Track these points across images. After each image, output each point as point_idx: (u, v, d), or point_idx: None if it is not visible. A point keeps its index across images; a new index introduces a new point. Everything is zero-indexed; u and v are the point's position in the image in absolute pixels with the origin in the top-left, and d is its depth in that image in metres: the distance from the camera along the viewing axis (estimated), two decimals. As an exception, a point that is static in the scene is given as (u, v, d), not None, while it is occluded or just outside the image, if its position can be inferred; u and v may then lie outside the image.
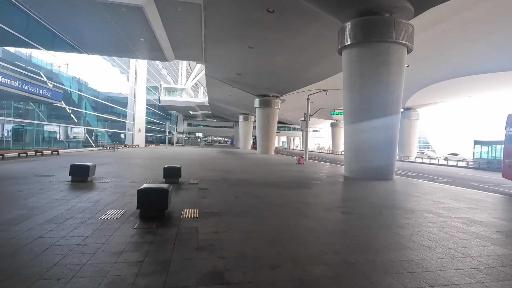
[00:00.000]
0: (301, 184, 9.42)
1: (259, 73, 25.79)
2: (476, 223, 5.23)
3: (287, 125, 79.27)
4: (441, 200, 7.44)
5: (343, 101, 12.68)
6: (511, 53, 18.40)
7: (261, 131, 33.40)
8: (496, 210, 6.56)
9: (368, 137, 11.57)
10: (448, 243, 4.02)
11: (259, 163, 18.56)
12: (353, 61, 11.98)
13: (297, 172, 13.30)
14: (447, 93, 31.80)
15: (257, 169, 13.98)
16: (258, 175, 11.41)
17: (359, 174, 11.83)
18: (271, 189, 8.08)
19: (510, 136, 11.20)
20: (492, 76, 23.49)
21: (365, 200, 6.96)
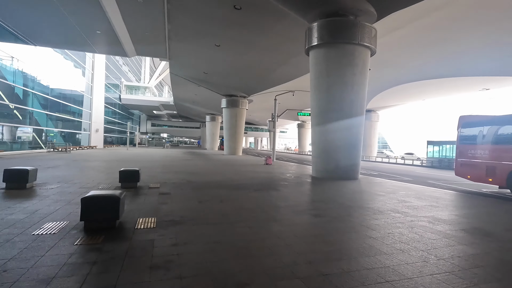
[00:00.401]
0: (269, 185, 9.14)
1: (226, 73, 25.28)
2: (441, 221, 5.31)
3: (254, 125, 79.44)
4: (405, 198, 7.60)
5: (310, 101, 12.70)
6: (461, 60, 19.97)
7: (229, 131, 32.84)
8: (455, 207, 6.82)
9: (335, 137, 11.67)
10: (420, 244, 3.94)
11: (226, 164, 18.07)
12: (320, 62, 12.03)
13: (265, 173, 13.05)
14: (403, 96, 33.89)
15: (224, 171, 13.50)
16: (225, 177, 10.95)
17: (326, 174, 11.89)
18: (238, 192, 7.67)
19: (461, 137, 11.98)
20: (443, 81, 25.37)
21: (334, 201, 6.84)
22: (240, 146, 33.72)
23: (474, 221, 5.41)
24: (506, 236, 4.51)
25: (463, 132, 11.97)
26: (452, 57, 19.61)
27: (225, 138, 33.87)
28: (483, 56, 19.02)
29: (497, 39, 16.22)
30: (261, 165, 18.32)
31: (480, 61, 19.92)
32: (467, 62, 20.38)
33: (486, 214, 6.11)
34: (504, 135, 10.26)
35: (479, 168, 10.90)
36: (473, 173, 11.20)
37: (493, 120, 11.18)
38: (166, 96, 57.36)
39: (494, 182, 10.38)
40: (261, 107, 45.98)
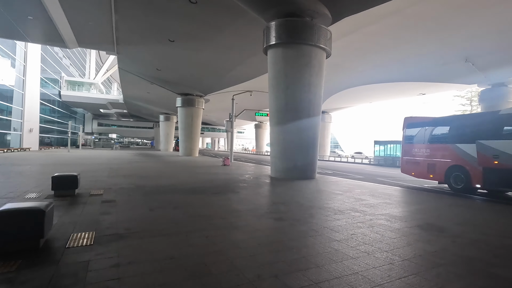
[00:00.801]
0: (228, 188, 8.71)
1: (182, 70, 24.15)
2: (397, 218, 5.44)
3: (211, 126, 78.05)
4: (361, 197, 7.79)
5: (269, 101, 12.57)
6: (402, 67, 21.76)
7: (184, 131, 31.52)
8: (406, 204, 7.16)
9: (293, 137, 11.69)
10: (383, 245, 3.89)
11: (182, 166, 17.14)
12: (278, 61, 11.95)
13: (223, 175, 12.58)
14: (353, 99, 36.06)
15: (179, 173, 12.69)
16: (180, 180, 10.21)
17: (285, 174, 11.85)
18: (195, 197, 7.10)
19: (406, 137, 12.90)
20: (388, 85, 27.46)
21: (294, 202, 6.69)
22: (197, 147, 32.62)
23: (425, 217, 5.65)
24: (455, 230, 4.74)
25: (407, 132, 12.89)
26: (395, 63, 21.24)
27: (180, 138, 32.46)
28: (421, 63, 20.97)
29: (431, 49, 17.96)
30: (219, 166, 17.77)
31: (418, 68, 21.92)
32: (407, 68, 22.27)
33: (434, 209, 6.48)
34: (442, 135, 11.26)
35: (422, 166, 11.81)
36: (417, 170, 12.12)
37: (432, 121, 12.21)
38: (115, 94, 53.16)
39: (434, 178, 11.32)
40: (219, 107, 45.21)
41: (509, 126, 8.92)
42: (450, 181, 10.62)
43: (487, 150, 9.17)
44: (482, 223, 5.36)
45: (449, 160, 10.63)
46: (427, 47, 17.84)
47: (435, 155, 11.26)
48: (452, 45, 17.38)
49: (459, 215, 6.00)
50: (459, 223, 5.22)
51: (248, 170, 15.88)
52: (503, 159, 8.66)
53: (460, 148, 10.24)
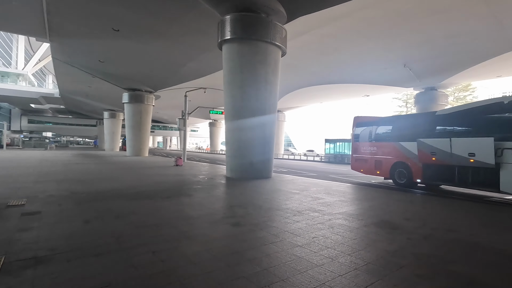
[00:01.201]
0: (180, 191, 8.04)
1: (129, 63, 22.26)
2: (354, 217, 5.46)
3: (163, 124, 74.41)
4: (317, 195, 7.82)
5: (224, 98, 12.09)
6: (351, 69, 23.01)
7: (132, 130, 29.26)
8: (360, 201, 7.34)
9: (249, 135, 11.41)
10: (345, 248, 3.75)
11: (129, 167, 15.72)
12: (234, 57, 11.54)
13: (175, 176, 11.75)
14: (305, 99, 37.32)
15: (125, 176, 11.51)
16: (126, 184, 9.19)
17: (241, 174, 11.52)
18: (141, 203, 6.34)
19: (355, 135, 13.53)
20: (336, 86, 28.88)
21: (251, 204, 6.37)
22: (146, 146, 30.57)
23: (379, 214, 5.79)
24: (407, 226, 4.88)
25: (356, 131, 13.53)
26: (344, 66, 22.38)
27: (127, 137, 30.07)
28: (366, 67, 22.43)
29: (376, 53, 19.29)
30: (171, 166, 16.72)
31: (364, 71, 23.42)
32: (355, 71, 23.65)
33: (385, 205, 6.73)
34: (387, 134, 12.01)
35: (369, 163, 12.49)
36: (365, 167, 12.78)
37: (379, 121, 12.98)
38: (49, 87, 47.25)
39: (381, 174, 12.05)
40: (170, 104, 43.09)
41: (442, 125, 9.80)
42: (394, 176, 11.38)
43: (426, 147, 9.97)
44: (428, 217, 5.66)
45: (394, 157, 11.37)
46: (372, 51, 19.10)
47: (381, 153, 11.97)
48: (393, 51, 18.84)
49: (407, 210, 6.29)
50: (409, 219, 5.43)
51: (202, 170, 15.20)
52: (439, 155, 9.49)
53: (403, 146, 11.00)
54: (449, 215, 5.96)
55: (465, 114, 9.17)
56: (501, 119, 8.29)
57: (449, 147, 9.15)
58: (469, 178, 8.81)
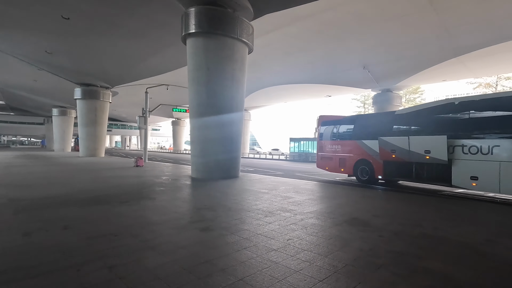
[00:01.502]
0: (141, 194, 7.40)
1: (81, 56, 20.37)
2: (325, 215, 5.41)
3: (121, 122, 70.13)
4: (286, 194, 7.72)
5: (189, 95, 11.52)
6: (315, 69, 23.56)
7: (86, 128, 26.97)
8: (328, 198, 7.37)
9: (216, 134, 11.01)
10: (321, 249, 3.62)
11: (82, 169, 14.33)
12: (199, 52, 11.04)
13: (136, 178, 10.91)
14: (269, 98, 37.60)
15: (78, 178, 10.40)
16: (79, 188, 8.25)
17: (207, 174, 11.07)
18: (96, 209, 5.66)
19: (320, 134, 13.81)
20: (300, 86, 29.47)
21: (220, 206, 6.05)
22: (102, 146, 28.40)
23: (348, 211, 5.82)
24: (377, 223, 4.94)
25: (321, 130, 13.82)
26: (309, 66, 22.86)
27: (81, 136, 27.65)
28: (329, 68, 23.17)
29: (338, 54, 20.00)
30: (131, 167, 15.62)
31: (326, 72, 24.16)
32: (318, 71, 24.27)
33: (353, 202, 6.84)
34: (350, 132, 12.41)
35: (334, 161, 12.81)
36: (330, 164, 13.09)
37: (343, 120, 13.39)
38: (-15, 80, 41.66)
39: (345, 171, 12.42)
40: (130, 101, 40.68)
41: (400, 124, 10.33)
42: (357, 173, 11.79)
43: (386, 145, 10.45)
44: (394, 213, 5.83)
45: (357, 155, 11.78)
46: (335, 53, 19.76)
47: (345, 151, 12.33)
48: (354, 53, 19.65)
49: (374, 206, 6.44)
50: (377, 215, 5.53)
51: (166, 170, 14.40)
52: (399, 153, 10.00)
53: (365, 144, 11.44)
54: (412, 210, 6.21)
55: (421, 114, 9.75)
56: (453, 118, 8.94)
57: (407, 145, 9.67)
58: (425, 174, 9.40)
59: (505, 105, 7.86)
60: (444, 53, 18.81)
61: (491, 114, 8.21)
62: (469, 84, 40.59)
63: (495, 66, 22.21)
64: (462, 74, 25.57)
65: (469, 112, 8.51)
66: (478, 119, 8.38)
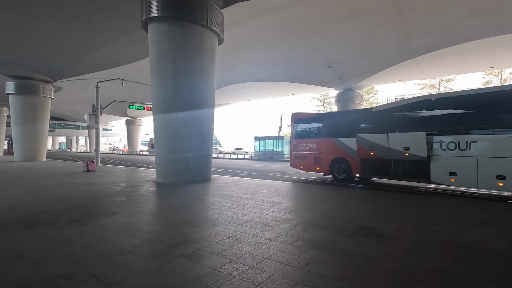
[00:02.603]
0: (97, 207, 5.97)
1: (15, 43, 17.23)
2: (329, 224, 4.68)
3: (66, 121, 63.21)
4: (272, 199, 6.89)
5: (152, 89, 10.08)
6: (279, 67, 23.17)
7: (22, 128, 23.24)
8: (318, 202, 6.69)
9: (184, 132, 9.77)
10: (354, 276, 2.84)
11: (17, 176, 11.89)
12: (163, 40, 9.68)
13: (88, 186, 9.15)
14: (233, 96, 36.56)
15: (11, 189, 8.36)
16: (9, 204, 6.43)
17: (174, 178, 9.77)
18: (35, 234, 4.20)
19: (294, 132, 13.29)
20: (263, 84, 28.95)
21: (202, 220, 5.00)
22: (43, 149, 24.80)
23: (350, 217, 5.19)
24: (388, 231, 4.35)
25: (295, 128, 13.31)
26: (272, 63, 22.38)
27: (15, 137, 23.78)
28: (293, 65, 22.96)
29: (303, 52, 19.80)
30: (80, 173, 13.47)
31: (290, 69, 23.93)
32: (282, 69, 23.94)
33: (346, 205, 6.26)
34: (326, 130, 12.04)
35: (309, 159, 12.36)
36: (305, 163, 12.62)
37: (317, 117, 13.02)
38: None
39: (320, 170, 12.02)
40: (76, 98, 36.55)
41: (378, 121, 10.17)
42: (334, 172, 11.46)
43: (364, 143, 10.22)
44: (397, 217, 5.34)
45: (333, 153, 11.44)
46: (300, 50, 19.53)
47: (321, 149, 11.94)
48: (319, 51, 19.63)
49: (370, 209, 5.93)
50: (382, 220, 4.99)
51: (123, 175, 12.64)
52: (377, 150, 9.81)
53: (342, 142, 11.14)
54: (409, 211, 5.82)
55: (399, 110, 9.67)
56: (430, 115, 8.95)
57: (386, 142, 9.51)
58: (404, 171, 9.32)
59: (480, 102, 8.00)
60: (403, 54, 19.69)
61: (467, 111, 8.31)
62: (416, 85, 44.19)
63: (443, 68, 24.03)
64: (415, 75, 27.35)
65: (446, 109, 8.56)
66: (455, 115, 8.45)
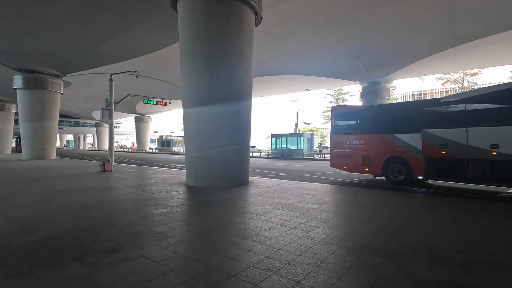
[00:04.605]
0: (133, 225, 4.45)
1: (22, 33, 15.89)
2: (437, 253, 3.16)
3: (74, 119, 62.37)
4: (335, 209, 5.36)
5: (182, 75, 8.56)
6: (302, 59, 21.51)
7: (30, 125, 22.00)
8: (397, 214, 5.10)
9: (221, 126, 8.24)
10: None
11: (25, 178, 10.50)
12: (197, 17, 8.15)
13: (109, 191, 7.67)
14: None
15: (17, 194, 6.93)
16: (17, 216, 5.00)
17: (210, 181, 8.26)
18: (52, 279, 2.73)
19: (336, 128, 11.71)
20: (284, 78, 27.31)
21: (294, 250, 3.49)
22: (53, 146, 23.58)
23: (448, 238, 3.64)
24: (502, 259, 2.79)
25: (336, 123, 11.74)
26: (293, 55, 20.77)
27: (23, 135, 22.58)
28: (316, 57, 21.32)
29: (329, 42, 18.17)
30: (95, 173, 12.09)
31: (313, 62, 22.28)
32: (303, 61, 22.31)
33: (439, 224, 4.70)
34: (376, 125, 10.42)
35: (355, 159, 10.78)
36: (349, 163, 11.03)
37: (365, 110, 11.42)
38: None
39: (370, 171, 10.45)
40: (84, 94, 35.35)
41: (452, 114, 8.52)
42: (388, 173, 9.88)
43: (433, 139, 8.62)
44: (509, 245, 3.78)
45: (387, 151, 9.87)
46: (327, 39, 17.91)
47: (370, 147, 10.37)
48: (348, 40, 17.98)
49: (475, 230, 4.36)
50: (491, 253, 3.42)
51: (144, 176, 11.19)
52: (451, 148, 8.21)
53: (399, 138, 9.54)
54: None
55: (484, 100, 7.96)
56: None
57: (465, 138, 7.91)
58: (487, 173, 7.69)
59: None
60: (442, 43, 17.93)
61: None
62: (438, 79, 42.16)
63: (480, 59, 22.16)
64: (446, 67, 25.52)
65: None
66: None
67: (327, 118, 60.75)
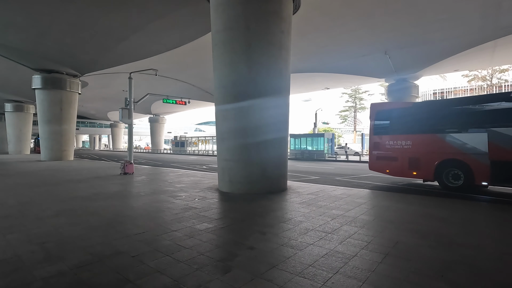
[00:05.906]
0: (180, 249, 3.64)
1: (40, 31, 15.51)
2: None
3: (89, 120, 63.04)
4: (422, 227, 4.35)
5: (214, 68, 7.70)
6: (328, 55, 20.40)
7: (49, 126, 21.76)
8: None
9: (260, 125, 7.33)
10: None
11: (45, 181, 9.90)
12: (234, 3, 7.28)
13: (138, 198, 6.86)
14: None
15: (37, 201, 6.21)
16: (39, 232, 4.23)
17: (247, 187, 7.36)
18: None
19: (376, 127, 10.63)
20: (303, 76, 26.21)
21: (380, 279, 2.55)
22: (71, 147, 23.32)
23: None
24: None
25: (377, 122, 10.65)
26: (321, 51, 19.69)
27: (42, 136, 22.37)
28: (343, 53, 20.15)
29: (357, 36, 17.00)
30: (117, 176, 11.43)
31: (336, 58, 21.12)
32: (328, 57, 21.18)
33: None
34: (427, 123, 9.31)
35: (401, 161, 9.68)
36: (393, 166, 9.94)
37: (411, 108, 10.31)
38: None
39: (419, 175, 9.33)
40: (100, 95, 35.22)
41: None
42: (443, 178, 8.75)
43: (503, 140, 7.47)
44: None
45: (440, 153, 8.75)
46: (355, 34, 16.75)
47: (419, 148, 9.26)
48: (378, 34, 16.81)
49: None
50: None
51: (170, 180, 10.40)
52: (527, 150, 7.06)
53: (458, 139, 8.41)
54: None
55: None
56: None
57: (547, 139, 6.74)
58: None
59: None
60: (483, 34, 16.49)
61: None
62: (464, 76, 40.10)
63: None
64: (480, 63, 23.90)
65: None
66: None
67: (343, 117, 59.09)
